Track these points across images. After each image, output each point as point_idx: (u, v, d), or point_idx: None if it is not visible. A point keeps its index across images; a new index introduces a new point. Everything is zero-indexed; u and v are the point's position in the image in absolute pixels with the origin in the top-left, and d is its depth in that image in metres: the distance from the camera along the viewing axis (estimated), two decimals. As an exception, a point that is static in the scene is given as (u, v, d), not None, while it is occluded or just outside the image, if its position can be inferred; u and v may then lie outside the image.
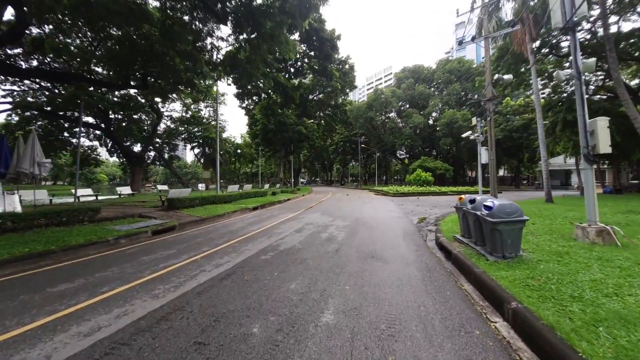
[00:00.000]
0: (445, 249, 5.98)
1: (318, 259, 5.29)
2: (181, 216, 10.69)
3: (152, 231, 8.21)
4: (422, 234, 8.11)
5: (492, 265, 4.52)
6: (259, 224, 9.71)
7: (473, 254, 5.23)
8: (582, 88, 6.02)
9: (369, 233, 7.97)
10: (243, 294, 3.65)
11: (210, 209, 12.89)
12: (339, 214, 12.49)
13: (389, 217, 11.46)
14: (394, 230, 8.47)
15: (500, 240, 4.82)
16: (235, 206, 14.59)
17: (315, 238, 7.28)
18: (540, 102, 14.94)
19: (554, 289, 3.49)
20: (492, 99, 13.83)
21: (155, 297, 3.62)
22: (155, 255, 5.83)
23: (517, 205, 4.86)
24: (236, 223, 10.14)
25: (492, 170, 13.59)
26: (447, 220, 9.23)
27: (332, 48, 30.37)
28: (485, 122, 13.06)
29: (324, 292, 3.73)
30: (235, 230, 8.50)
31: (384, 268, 4.80)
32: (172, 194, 12.78)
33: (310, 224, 9.55)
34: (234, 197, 16.78)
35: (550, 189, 14.58)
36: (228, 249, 6.19)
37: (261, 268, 4.76)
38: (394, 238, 7.29)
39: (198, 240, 7.23)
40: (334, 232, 8.04)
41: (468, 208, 5.78)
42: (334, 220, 10.55)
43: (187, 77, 14.17)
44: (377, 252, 5.88)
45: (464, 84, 48.63)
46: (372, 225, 9.21)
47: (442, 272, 4.70)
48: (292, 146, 37.00)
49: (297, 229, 8.61)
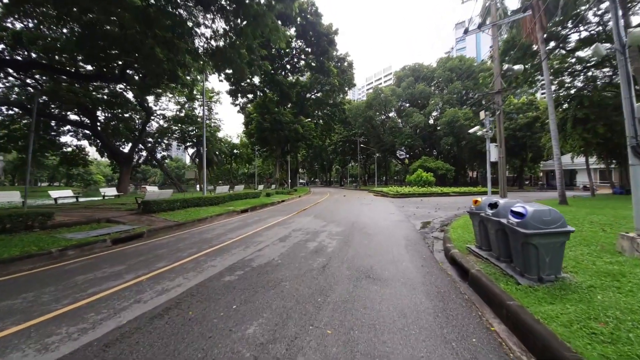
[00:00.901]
0: (458, 264, 4.81)
1: (297, 281, 4.11)
2: (155, 221, 9.51)
3: (112, 240, 7.02)
4: (427, 242, 6.94)
5: (527, 293, 3.35)
6: (241, 230, 8.53)
7: (497, 274, 4.05)
8: (627, 65, 4.86)
9: (365, 242, 6.79)
10: (172, 348, 2.46)
11: (192, 212, 11.71)
12: (333, 217, 11.31)
13: (388, 221, 10.28)
14: (395, 237, 7.29)
15: (535, 257, 3.65)
16: (222, 209, 13.42)
17: (300, 249, 6.09)
18: (552, 96, 13.79)
19: (633, 340, 2.32)
20: (500, 92, 12.67)
21: (41, 351, 2.45)
22: (96, 273, 4.65)
23: (557, 211, 3.69)
24: (216, 229, 8.96)
25: (501, 169, 12.42)
26: (456, 226, 8.05)
27: (330, 43, 29.17)
28: (494, 116, 11.91)
29: (294, 341, 2.55)
30: (210, 239, 7.31)
31: (382, 294, 3.63)
32: (149, 196, 11.60)
33: (299, 230, 8.37)
34: (222, 199, 15.59)
35: (564, 189, 13.41)
36: (189, 264, 5.01)
37: (218, 296, 3.57)
38: (395, 248, 6.11)
39: (160, 252, 6.04)
40: (325, 241, 6.85)
41: (488, 214, 4.60)
42: (326, 225, 9.37)
43: (169, 67, 13.00)
44: (374, 269, 4.70)
45: (465, 83, 47.55)
46: (369, 232, 8.04)
47: (459, 300, 3.52)
48: (289, 145, 35.83)
49: (282, 237, 7.43)
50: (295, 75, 35.07)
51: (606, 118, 18.30)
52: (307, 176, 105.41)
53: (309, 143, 38.26)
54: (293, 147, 35.69)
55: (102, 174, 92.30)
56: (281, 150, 35.07)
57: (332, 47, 29.96)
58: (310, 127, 34.93)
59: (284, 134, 30.14)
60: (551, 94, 13.84)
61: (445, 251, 5.78)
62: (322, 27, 28.26)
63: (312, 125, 35.71)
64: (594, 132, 18.58)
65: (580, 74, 21.75)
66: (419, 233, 8.04)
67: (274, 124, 29.02)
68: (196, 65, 13.88)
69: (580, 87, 21.57)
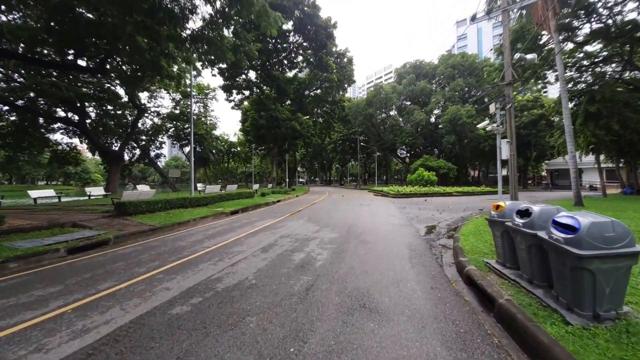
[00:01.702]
0: (477, 286, 3.80)
1: (269, 314, 3.12)
2: (127, 225, 8.52)
3: (68, 249, 6.03)
4: (434, 251, 5.94)
5: (584, 339, 2.36)
6: (221, 237, 7.53)
7: (534, 305, 3.05)
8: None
9: (362, 252, 5.79)
10: None
11: (175, 214, 10.71)
12: (328, 220, 10.31)
13: (389, 225, 9.29)
14: (397, 246, 6.29)
15: (591, 287, 2.65)
16: (210, 210, 12.44)
17: (283, 263, 5.09)
18: (565, 89, 12.74)
19: None
20: (511, 83, 11.64)
21: None
22: (20, 297, 3.67)
23: (622, 224, 2.68)
24: (194, 235, 7.96)
25: (512, 167, 11.41)
26: (466, 232, 7.04)
27: (328, 37, 28.05)
28: (505, 110, 10.87)
29: None
30: (182, 248, 6.32)
31: (381, 338, 2.63)
32: (127, 196, 10.60)
33: (287, 237, 7.37)
34: (212, 199, 14.60)
35: (580, 189, 12.40)
36: (139, 286, 4.01)
37: (151, 343, 2.57)
38: (398, 262, 5.11)
39: (115, 265, 5.04)
40: (314, 252, 5.85)
41: (517, 224, 3.60)
42: (319, 230, 8.37)
43: (152, 57, 11.99)
44: (371, 293, 3.70)
45: (467, 80, 46.39)
46: (367, 239, 7.04)
47: (487, 349, 2.51)
48: (287, 144, 34.79)
49: (266, 246, 6.43)
50: (292, 70, 33.98)
51: (619, 114, 17.27)
52: (307, 175, 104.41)
53: (307, 141, 37.18)
54: (291, 145, 34.63)
55: (99, 173, 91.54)
56: (278, 149, 34.02)
57: (331, 42, 28.86)
58: (308, 124, 33.84)
59: (280, 131, 29.06)
60: (565, 87, 12.79)
61: (458, 266, 4.77)
62: (320, 20, 27.16)
63: (309, 123, 34.62)
64: (607, 129, 17.52)
65: (588, 69, 20.72)
66: (424, 240, 7.04)
67: (270, 120, 27.95)
68: (181, 54, 12.88)
69: (591, 82, 20.51)
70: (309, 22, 26.98)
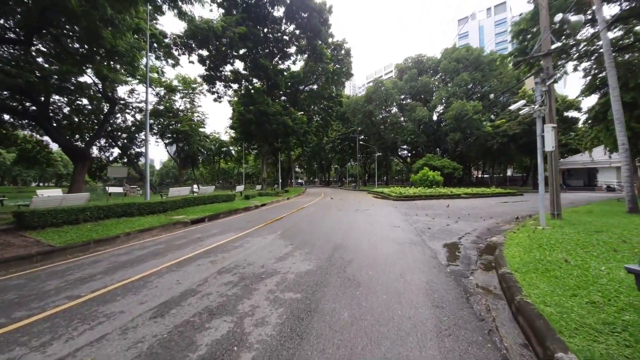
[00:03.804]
0: None
1: None
2: (12, 246, 5.82)
3: None
4: (476, 307, 3.25)
5: None
6: (126, 270, 4.83)
7: None
8: None
9: (346, 313, 3.09)
10: None
11: (105, 227, 7.99)
12: (309, 235, 7.59)
13: (392, 243, 6.58)
14: (409, 294, 3.59)
15: None
16: (164, 219, 9.76)
17: (167, 358, 2.40)
18: (613, 64, 10.03)
19: None
20: (551, 53, 8.94)
21: None
22: None
23: None
24: (89, 265, 5.26)
25: (553, 162, 8.72)
26: (520, 264, 4.30)
27: (323, 23, 25.37)
28: (545, 86, 8.17)
29: None
30: (40, 296, 3.63)
31: None
32: (37, 203, 7.89)
33: (230, 272, 4.65)
34: (172, 204, 11.89)
35: (635, 191, 9.69)
36: None
37: None
38: (414, 340, 2.40)
39: None
40: (255, 316, 3.15)
41: None
42: (290, 254, 5.66)
43: (87, 23, 9.33)
44: None
45: (473, 74, 43.69)
46: (358, 276, 4.33)
47: None
48: (279, 141, 32.07)
49: (174, 298, 3.72)
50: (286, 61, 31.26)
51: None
52: (305, 176, 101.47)
53: (302, 139, 34.41)
54: (283, 143, 31.90)
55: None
56: (269, 147, 31.29)
57: (326, 27, 26.18)
58: (302, 120, 31.04)
59: (271, 127, 26.32)
60: (612, 60, 10.07)
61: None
62: (314, 3, 24.50)
63: (303, 119, 31.80)
64: (644, 120, 14.85)
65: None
66: (451, 276, 4.33)
67: (258, 115, 25.21)
68: (127, 21, 10.22)
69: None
70: (301, 7, 24.33)
